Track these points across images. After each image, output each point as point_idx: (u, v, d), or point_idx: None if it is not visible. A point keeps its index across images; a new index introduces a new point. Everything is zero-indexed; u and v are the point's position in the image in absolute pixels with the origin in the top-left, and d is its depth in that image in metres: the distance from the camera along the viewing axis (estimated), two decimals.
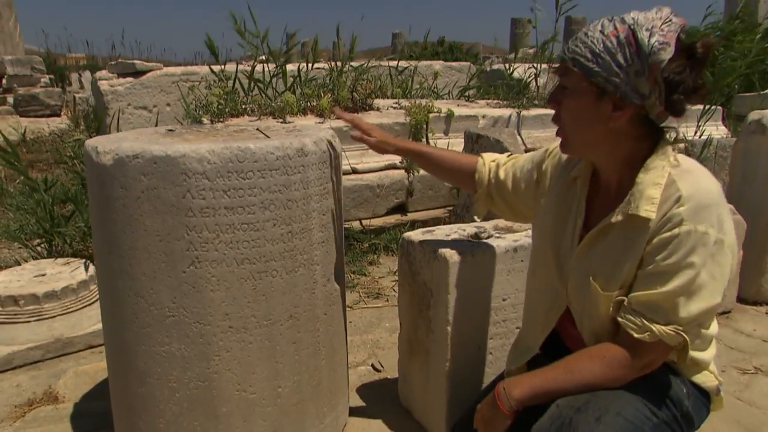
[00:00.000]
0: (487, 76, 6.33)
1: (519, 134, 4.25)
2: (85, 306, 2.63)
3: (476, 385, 1.78)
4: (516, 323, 1.81)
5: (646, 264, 1.12)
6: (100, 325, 2.57)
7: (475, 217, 1.86)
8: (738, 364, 2.31)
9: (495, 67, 6.40)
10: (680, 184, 1.10)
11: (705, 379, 1.24)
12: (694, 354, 1.18)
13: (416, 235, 1.86)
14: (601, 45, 1.08)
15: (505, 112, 4.46)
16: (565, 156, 1.36)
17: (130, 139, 1.52)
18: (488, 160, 1.60)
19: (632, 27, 1.06)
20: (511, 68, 5.49)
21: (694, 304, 1.09)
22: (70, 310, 2.58)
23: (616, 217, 1.15)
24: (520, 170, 1.50)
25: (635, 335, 1.12)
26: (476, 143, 3.22)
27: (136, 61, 5.04)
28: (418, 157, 1.72)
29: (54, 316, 2.52)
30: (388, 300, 3.08)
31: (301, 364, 1.62)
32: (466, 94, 5.35)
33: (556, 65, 1.18)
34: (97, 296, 2.69)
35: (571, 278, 1.26)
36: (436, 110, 4.14)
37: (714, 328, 1.24)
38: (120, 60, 5.19)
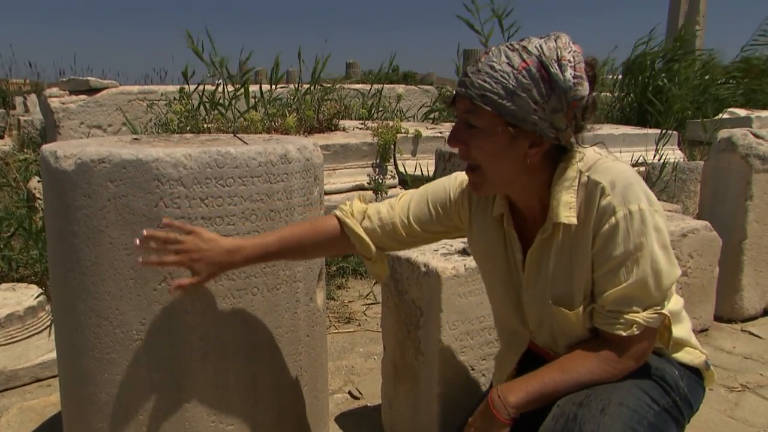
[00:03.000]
0: (449, 100, 6.35)
1: None
2: (33, 335, 2.40)
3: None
4: None
5: (600, 263, 1.08)
6: (48, 356, 2.36)
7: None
8: (724, 382, 2.28)
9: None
10: (596, 176, 1.07)
11: (691, 357, 1.21)
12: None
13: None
14: (514, 80, 1.00)
15: None
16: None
17: (95, 144, 1.38)
18: (355, 219, 1.31)
19: (541, 59, 1.00)
20: None
21: (662, 279, 1.07)
22: (15, 339, 2.35)
23: (543, 234, 1.12)
24: (424, 207, 1.30)
25: (623, 333, 1.08)
26: (448, 161, 3.16)
27: (90, 78, 4.82)
28: (277, 253, 1.29)
29: None
30: (360, 324, 2.95)
31: (282, 392, 1.48)
32: (431, 116, 5.34)
33: (450, 98, 1.10)
34: (46, 324, 2.47)
35: (530, 312, 1.21)
36: (403, 131, 4.09)
37: (678, 300, 1.21)
38: (72, 77, 4.96)
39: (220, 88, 4.15)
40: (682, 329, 1.21)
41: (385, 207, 1.33)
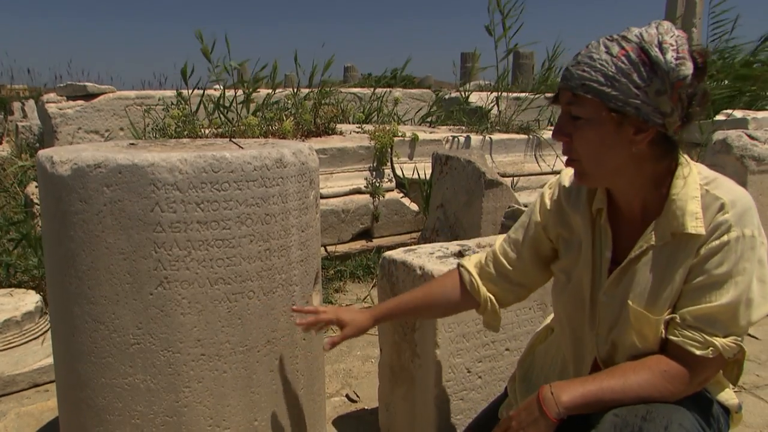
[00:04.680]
0: (445, 104, 6.37)
1: (490, 156, 4.24)
2: (30, 340, 2.41)
3: (466, 411, 1.67)
4: (505, 344, 1.72)
5: (696, 275, 1.06)
6: (45, 361, 2.36)
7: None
8: None
9: (453, 95, 6.44)
10: (717, 192, 1.06)
11: (728, 396, 1.19)
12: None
13: (398, 254, 1.76)
14: (613, 67, 1.00)
15: (470, 136, 4.45)
16: (557, 193, 1.27)
17: (90, 150, 1.39)
18: (474, 275, 1.36)
19: (641, 45, 1.00)
20: (467, 95, 5.55)
21: (752, 311, 1.05)
22: (13, 344, 2.35)
23: (659, 240, 1.09)
24: (518, 243, 1.33)
25: (697, 352, 1.05)
26: (445, 165, 3.17)
27: (87, 84, 4.83)
28: (405, 313, 1.43)
29: None
30: None
31: (279, 395, 1.49)
32: (429, 120, 5.35)
33: (553, 95, 1.10)
34: (44, 329, 2.47)
35: (604, 313, 1.17)
36: (400, 134, 4.09)
37: None
38: (70, 83, 4.96)
39: (226, 92, 4.16)
40: None
41: (498, 241, 1.37)
